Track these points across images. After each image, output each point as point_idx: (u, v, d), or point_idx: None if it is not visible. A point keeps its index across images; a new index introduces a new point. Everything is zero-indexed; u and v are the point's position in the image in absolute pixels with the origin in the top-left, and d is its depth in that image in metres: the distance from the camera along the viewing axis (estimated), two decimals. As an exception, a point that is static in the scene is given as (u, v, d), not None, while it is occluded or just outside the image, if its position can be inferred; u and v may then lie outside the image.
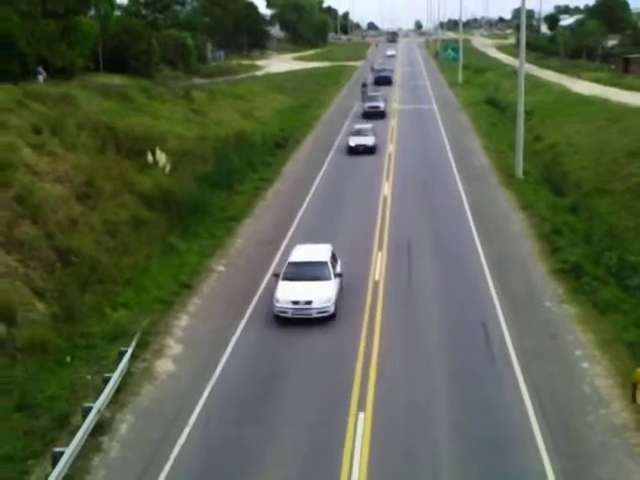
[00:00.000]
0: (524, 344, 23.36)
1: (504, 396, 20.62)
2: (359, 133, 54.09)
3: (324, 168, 47.41)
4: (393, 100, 78.98)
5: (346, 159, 50.31)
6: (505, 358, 22.58)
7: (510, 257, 31.18)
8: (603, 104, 59.57)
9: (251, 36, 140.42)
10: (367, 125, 57.16)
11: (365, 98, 72.70)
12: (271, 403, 20.25)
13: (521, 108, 44.86)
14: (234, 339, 23.99)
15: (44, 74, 57.56)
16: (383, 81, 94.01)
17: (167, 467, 17.53)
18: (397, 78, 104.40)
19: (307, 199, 40.05)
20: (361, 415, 19.51)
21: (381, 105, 69.07)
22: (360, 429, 18.86)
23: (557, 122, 56.27)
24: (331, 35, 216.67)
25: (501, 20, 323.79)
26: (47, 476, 16.04)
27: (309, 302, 24.86)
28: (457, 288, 28.02)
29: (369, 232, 34.21)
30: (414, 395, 20.69)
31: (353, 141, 52.63)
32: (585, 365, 22.22)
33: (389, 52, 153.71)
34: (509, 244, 32.90)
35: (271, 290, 26.83)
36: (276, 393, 20.80)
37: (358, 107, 73.06)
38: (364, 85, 79.09)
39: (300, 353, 23.25)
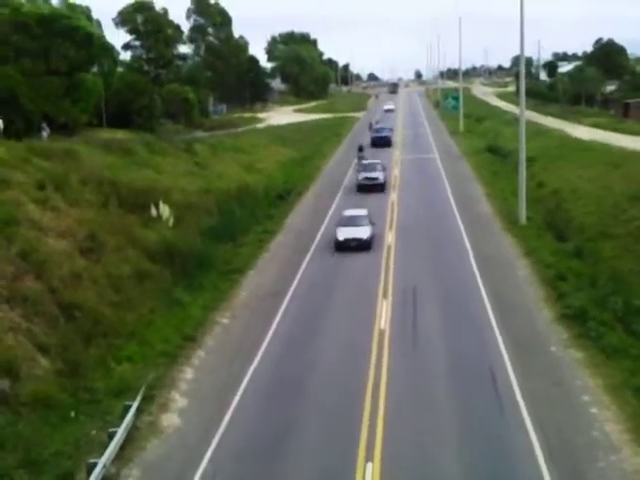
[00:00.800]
0: (531, 390, 23.21)
1: (513, 443, 20.44)
2: (350, 222, 41.31)
3: (327, 219, 47.47)
4: (395, 149, 79.35)
5: (351, 205, 50.37)
6: (513, 404, 22.43)
7: (515, 303, 31.10)
8: (604, 149, 59.76)
9: (253, 89, 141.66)
10: (360, 212, 43.07)
11: (360, 167, 59.42)
12: (282, 461, 20.05)
13: (523, 155, 45.06)
14: (239, 392, 23.81)
15: (48, 130, 58.02)
16: (381, 142, 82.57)
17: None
18: (398, 128, 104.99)
19: (311, 250, 40.05)
20: (369, 465, 19.30)
21: (380, 176, 56.74)
22: (369, 477, 18.67)
23: (559, 168, 56.43)
24: (332, 86, 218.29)
25: (500, 68, 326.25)
26: (52, 534, 15.84)
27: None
28: (463, 335, 27.90)
29: (373, 283, 34.11)
30: (424, 443, 20.48)
31: (342, 234, 40.21)
32: (594, 410, 22.05)
33: (387, 106, 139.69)
34: (514, 290, 32.82)
35: (275, 345, 27.22)
36: (286, 448, 20.59)
37: (352, 176, 62.53)
38: (360, 149, 68.39)
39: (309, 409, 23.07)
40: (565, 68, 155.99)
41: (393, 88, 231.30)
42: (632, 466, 19.17)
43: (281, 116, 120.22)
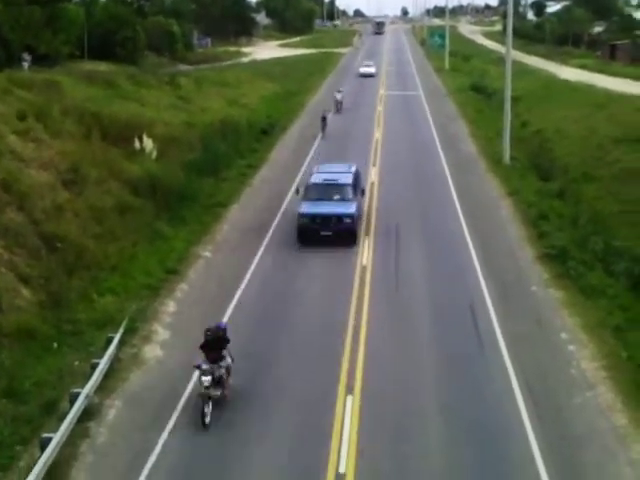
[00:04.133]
0: (511, 329, 23.46)
1: (492, 379, 20.70)
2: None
3: (310, 154, 47.32)
4: (380, 86, 78.83)
5: (333, 144, 50.23)
6: (492, 342, 22.67)
7: (497, 242, 31.29)
8: (589, 91, 59.72)
9: (238, 23, 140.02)
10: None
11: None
12: (267, 395, 20.25)
13: (508, 94, 44.95)
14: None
15: (29, 61, 57.27)
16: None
17: (155, 452, 17.48)
18: (383, 65, 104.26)
19: (294, 185, 39.94)
20: (349, 398, 19.56)
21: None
22: (348, 411, 18.91)
23: (544, 108, 56.41)
24: (317, 22, 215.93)
25: (487, 7, 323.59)
26: (35, 462, 15.98)
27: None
28: (444, 273, 28.12)
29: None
30: (402, 380, 20.71)
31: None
32: (572, 348, 22.34)
33: (365, 69, 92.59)
34: (496, 230, 32.99)
35: (258, 278, 27.21)
36: (266, 379, 20.79)
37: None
38: (324, 118, 53.19)
39: (285, 344, 23.23)
40: (553, 8, 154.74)
41: (379, 28, 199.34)
42: (606, 402, 19.46)
43: (266, 51, 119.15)
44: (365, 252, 30.03)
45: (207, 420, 18.55)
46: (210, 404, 18.77)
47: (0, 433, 17.48)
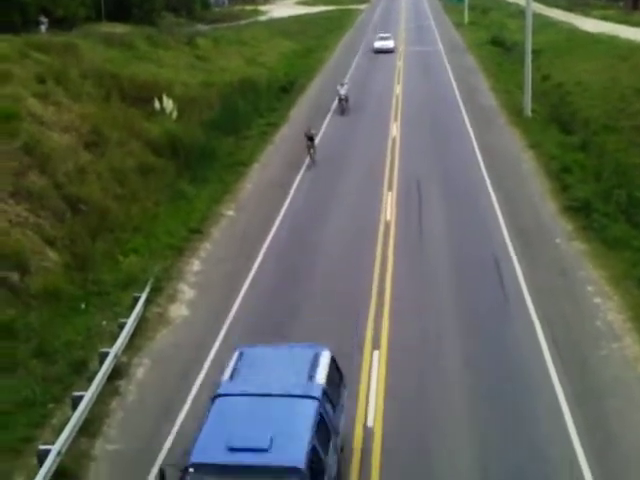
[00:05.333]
0: (536, 281, 23.43)
1: (517, 332, 20.74)
2: None
3: (330, 112, 47.11)
4: (399, 42, 78.18)
5: (353, 100, 49.95)
6: (517, 295, 22.68)
7: (520, 195, 31.15)
8: (611, 42, 58.94)
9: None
10: None
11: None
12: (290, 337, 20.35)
13: (529, 47, 44.44)
14: (247, 282, 24.07)
15: (46, 24, 57.13)
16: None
17: (185, 409, 17.68)
18: (402, 21, 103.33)
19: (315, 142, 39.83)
20: (375, 353, 19.67)
21: None
22: (375, 364, 19.02)
23: (565, 61, 55.79)
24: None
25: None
26: (68, 419, 16.22)
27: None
28: (468, 227, 28.06)
29: (379, 173, 34.17)
30: (427, 331, 20.81)
31: None
32: (597, 300, 22.31)
33: (380, 43, 73.68)
34: (519, 183, 32.83)
35: (281, 235, 27.52)
36: (293, 324, 20.93)
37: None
38: (310, 139, 36.82)
39: (316, 295, 23.33)
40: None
41: None
42: (633, 353, 19.48)
43: (283, 8, 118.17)
44: (388, 207, 29.98)
45: None
46: None
47: (32, 392, 17.72)
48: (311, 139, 36.35)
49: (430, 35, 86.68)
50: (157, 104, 38.11)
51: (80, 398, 16.72)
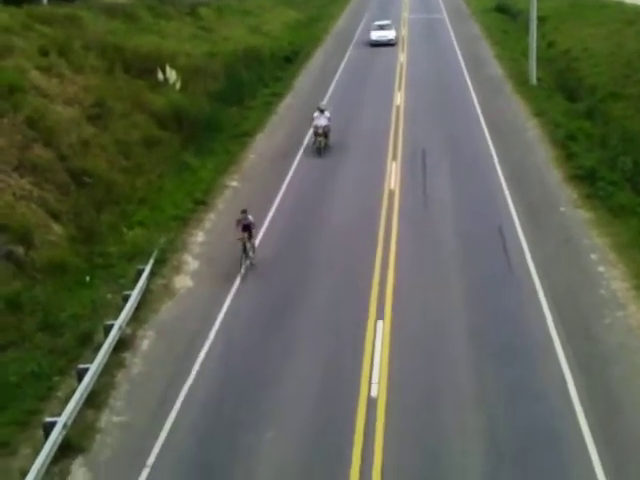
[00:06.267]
0: (540, 249, 23.46)
1: (521, 300, 20.80)
2: None
3: (335, 81, 46.92)
4: (402, 9, 77.65)
5: (358, 71, 49.70)
6: (522, 263, 22.71)
7: (525, 163, 31.09)
8: (618, 7, 58.21)
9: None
10: None
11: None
12: (289, 327, 20.46)
13: (534, 14, 44.07)
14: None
15: (48, -5, 56.74)
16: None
17: (189, 381, 17.79)
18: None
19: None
20: (379, 323, 19.74)
21: None
22: (379, 335, 19.10)
23: (571, 27, 55.25)
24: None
25: None
26: (74, 391, 16.32)
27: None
28: (473, 195, 28.11)
29: (383, 144, 34.07)
30: (432, 303, 20.89)
31: None
32: (601, 269, 22.26)
33: (378, 34, 60.19)
34: (524, 150, 32.74)
35: (286, 205, 27.50)
36: (297, 310, 20.99)
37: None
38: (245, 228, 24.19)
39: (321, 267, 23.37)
40: None
41: None
42: (637, 322, 19.43)
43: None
44: (392, 176, 29.93)
45: None
46: None
47: (38, 365, 17.83)
48: (247, 228, 23.21)
49: (434, 1, 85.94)
50: (160, 75, 37.93)
51: (85, 370, 16.82)
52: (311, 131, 34.47)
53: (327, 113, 33.49)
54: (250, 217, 23.26)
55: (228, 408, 16.81)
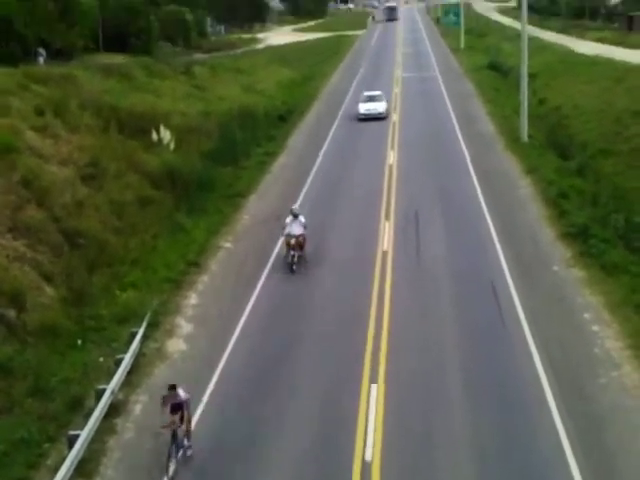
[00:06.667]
0: (534, 308, 23.41)
1: (515, 359, 20.71)
2: None
3: (328, 140, 47.21)
4: (395, 67, 78.51)
5: (352, 130, 50.09)
6: (515, 321, 22.66)
7: (517, 221, 31.17)
8: (607, 64, 59.05)
9: (251, 9, 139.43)
10: None
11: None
12: (280, 384, 20.32)
13: (525, 71, 44.57)
14: (244, 316, 24.04)
15: (44, 55, 57.41)
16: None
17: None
18: (398, 46, 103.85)
19: (312, 172, 39.94)
20: (373, 385, 19.61)
21: None
22: (373, 396, 18.96)
23: (561, 84, 55.90)
24: (331, 5, 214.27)
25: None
26: (64, 459, 16.13)
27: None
28: (466, 252, 28.11)
29: (375, 202, 34.17)
30: (426, 356, 20.90)
31: None
32: (595, 328, 22.22)
33: (367, 106, 53.93)
34: (516, 208, 32.85)
35: (279, 267, 27.45)
36: (289, 365, 20.88)
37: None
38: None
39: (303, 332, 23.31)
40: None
41: (390, 14, 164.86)
42: (632, 382, 19.38)
43: (280, 36, 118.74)
44: (386, 236, 29.97)
45: None
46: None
47: (27, 431, 17.65)
48: (178, 408, 17.55)
49: (427, 60, 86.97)
50: (155, 135, 38.18)
51: (76, 437, 16.65)
52: (303, 193, 34.72)
53: (302, 218, 27.91)
54: (182, 393, 17.45)
55: (219, 478, 16.60)
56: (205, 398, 19.60)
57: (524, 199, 34.06)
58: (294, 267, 27.05)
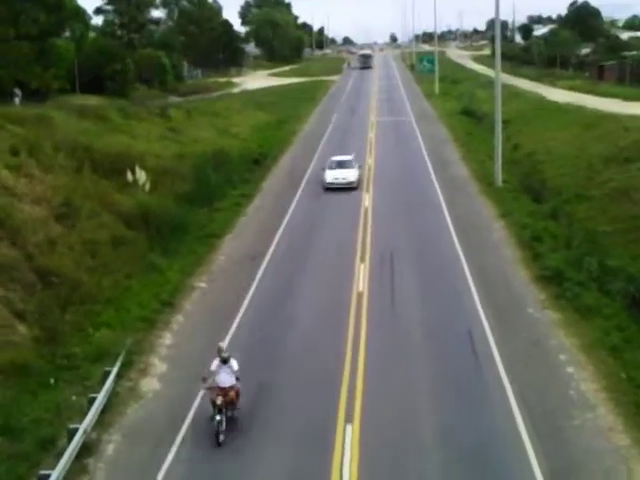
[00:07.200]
0: (509, 351, 23.40)
1: (491, 402, 20.65)
2: None
3: (303, 183, 47.33)
4: (370, 112, 79.16)
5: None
6: (491, 364, 22.62)
7: (492, 265, 31.24)
8: (579, 111, 59.90)
9: (227, 54, 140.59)
10: None
11: None
12: (259, 416, 20.13)
13: (499, 117, 45.12)
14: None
15: (20, 96, 57.38)
16: None
17: (155, 487, 17.36)
18: (374, 92, 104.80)
19: (288, 214, 39.98)
20: (349, 427, 19.43)
21: None
22: (348, 441, 18.81)
23: (534, 130, 56.56)
24: (307, 51, 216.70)
25: (476, 32, 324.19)
26: (33, 499, 15.85)
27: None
28: (441, 297, 28.08)
29: (351, 243, 34.21)
30: (401, 402, 20.71)
31: None
32: (570, 370, 22.28)
33: (335, 174, 46.15)
34: (491, 252, 32.98)
35: (254, 308, 27.39)
36: (267, 405, 20.71)
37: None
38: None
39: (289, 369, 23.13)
40: (540, 31, 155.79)
41: (365, 62, 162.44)
42: (607, 423, 19.43)
43: (256, 80, 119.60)
44: (361, 279, 29.95)
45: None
46: None
47: (-4, 471, 17.35)
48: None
49: (401, 105, 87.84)
50: (130, 176, 38.12)
51: (47, 477, 16.38)
52: (278, 236, 35.13)
53: (234, 363, 20.28)
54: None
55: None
56: (178, 439, 19.32)
57: (498, 242, 34.26)
58: (221, 437, 19.14)
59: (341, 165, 46.87)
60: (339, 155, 49.25)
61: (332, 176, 45.62)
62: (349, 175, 45.65)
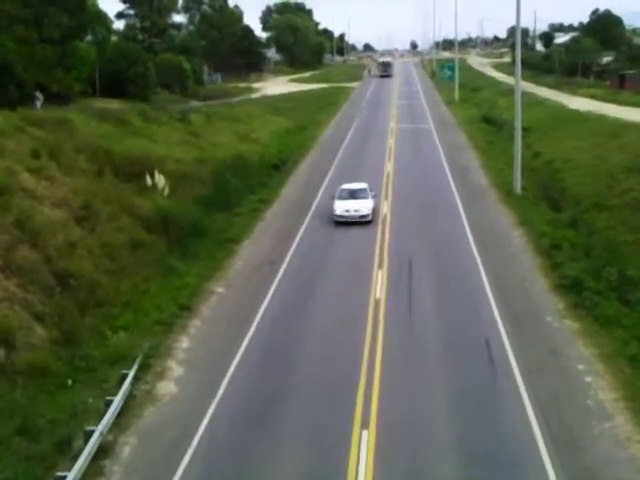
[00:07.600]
0: (527, 360, 23.27)
1: (508, 411, 20.54)
2: None
3: (322, 188, 47.33)
4: (390, 119, 79.17)
5: (347, 179, 50.24)
6: (508, 373, 22.49)
7: (510, 273, 31.11)
8: (600, 120, 59.70)
9: (247, 59, 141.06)
10: None
11: None
12: (275, 422, 20.14)
13: (519, 125, 44.97)
14: (236, 360, 23.88)
15: (41, 99, 57.76)
16: None
17: (170, 490, 17.39)
18: (394, 98, 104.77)
19: (306, 221, 39.97)
20: (365, 433, 19.40)
21: None
22: (364, 448, 18.77)
23: (554, 138, 56.41)
24: (327, 57, 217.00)
25: (496, 39, 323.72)
26: (49, 501, 15.92)
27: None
28: (458, 305, 27.96)
29: (369, 249, 34.19)
30: (417, 409, 20.65)
31: None
32: (589, 379, 22.15)
33: (345, 206, 39.37)
34: (509, 260, 32.84)
35: (272, 312, 27.38)
36: (280, 416, 20.71)
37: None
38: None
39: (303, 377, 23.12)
40: (561, 39, 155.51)
41: (384, 70, 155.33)
42: (625, 433, 19.29)
43: (276, 86, 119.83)
44: (378, 285, 29.91)
45: None
46: None
47: (13, 472, 17.41)
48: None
49: (422, 112, 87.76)
50: (149, 180, 38.31)
51: (63, 478, 16.44)
52: (297, 241, 34.88)
53: None
54: None
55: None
56: (194, 442, 19.35)
57: (517, 250, 34.13)
58: None
59: (353, 195, 40.35)
60: (351, 183, 42.67)
61: (342, 208, 39.25)
62: (362, 207, 39.29)
